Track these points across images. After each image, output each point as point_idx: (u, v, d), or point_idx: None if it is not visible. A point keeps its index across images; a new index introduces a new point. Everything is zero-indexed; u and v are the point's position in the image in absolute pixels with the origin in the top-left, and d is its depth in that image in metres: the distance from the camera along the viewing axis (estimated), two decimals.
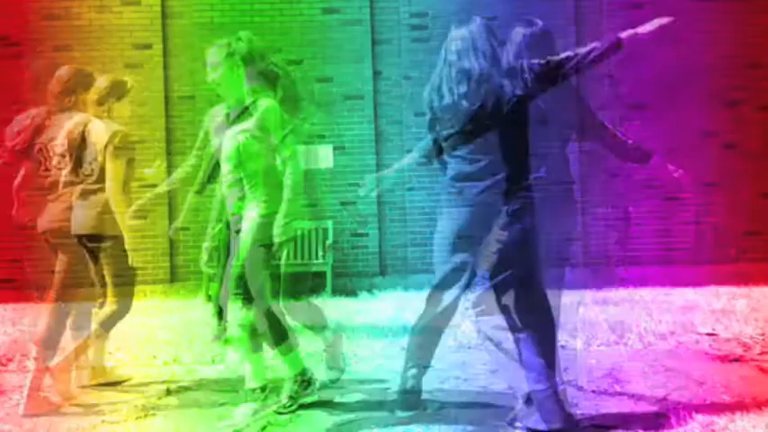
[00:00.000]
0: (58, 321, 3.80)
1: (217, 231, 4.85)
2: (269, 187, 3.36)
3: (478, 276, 3.16)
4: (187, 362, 4.63)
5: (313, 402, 3.59)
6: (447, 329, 3.41)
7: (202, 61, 3.47)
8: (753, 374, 3.96)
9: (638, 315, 5.79)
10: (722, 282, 7.64)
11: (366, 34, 8.33)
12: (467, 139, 3.10)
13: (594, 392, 3.65)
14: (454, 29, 3.18)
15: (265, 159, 3.37)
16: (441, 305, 3.24)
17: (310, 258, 8.05)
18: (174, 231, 6.28)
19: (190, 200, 4.81)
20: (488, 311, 3.13)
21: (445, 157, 3.22)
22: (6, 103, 8.06)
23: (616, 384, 3.80)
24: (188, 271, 8.30)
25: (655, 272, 8.13)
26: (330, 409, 3.51)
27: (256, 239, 3.30)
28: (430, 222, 7.51)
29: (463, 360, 4.40)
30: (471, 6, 6.18)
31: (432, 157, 3.37)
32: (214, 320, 5.08)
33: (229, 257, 3.62)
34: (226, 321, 3.79)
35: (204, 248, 5.00)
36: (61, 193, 3.85)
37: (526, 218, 3.06)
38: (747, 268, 7.95)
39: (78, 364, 4.10)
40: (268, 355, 3.62)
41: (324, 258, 7.99)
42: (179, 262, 8.39)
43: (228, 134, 3.39)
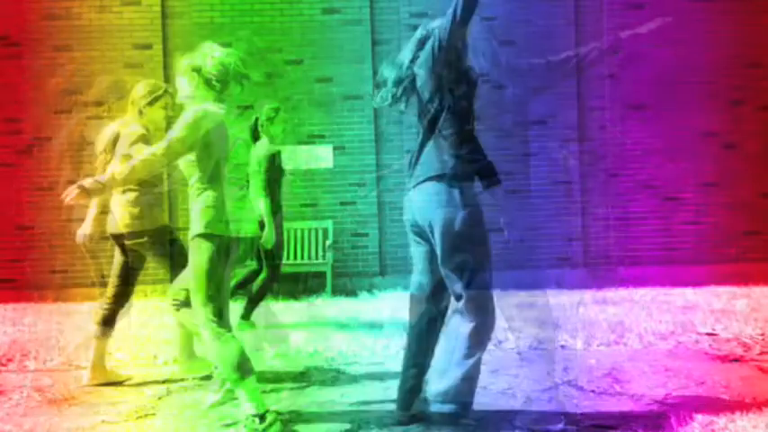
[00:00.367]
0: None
1: None
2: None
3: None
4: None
5: (313, 402, 3.59)
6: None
7: None
8: (753, 374, 3.97)
9: (637, 315, 5.80)
10: (722, 282, 7.66)
11: (366, 34, 8.33)
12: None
13: (594, 392, 3.66)
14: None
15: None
16: (441, 304, 3.23)
17: (310, 258, 8.07)
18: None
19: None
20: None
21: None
22: (6, 103, 8.11)
23: (616, 384, 3.80)
24: None
25: (655, 272, 8.14)
26: (330, 410, 3.52)
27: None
28: None
29: None
30: None
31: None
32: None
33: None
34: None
35: None
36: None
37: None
38: (747, 268, 7.97)
39: (78, 364, 4.10)
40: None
41: (324, 258, 8.01)
42: None
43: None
